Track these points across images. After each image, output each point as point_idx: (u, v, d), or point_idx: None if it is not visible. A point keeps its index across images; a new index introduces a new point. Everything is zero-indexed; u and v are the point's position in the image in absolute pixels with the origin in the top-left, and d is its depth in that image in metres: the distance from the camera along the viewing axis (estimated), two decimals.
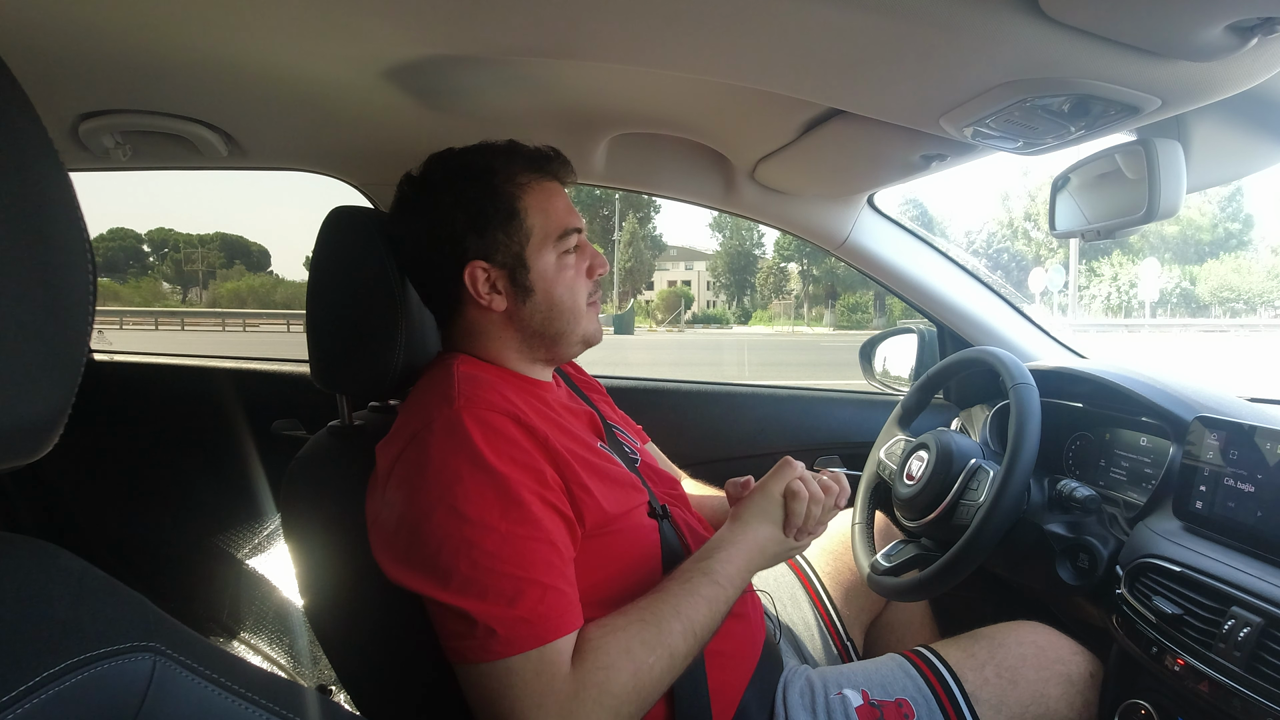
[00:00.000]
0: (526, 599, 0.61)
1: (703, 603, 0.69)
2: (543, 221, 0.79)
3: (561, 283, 0.80)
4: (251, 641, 1.69)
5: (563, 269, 0.81)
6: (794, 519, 0.78)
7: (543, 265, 0.79)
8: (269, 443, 1.51)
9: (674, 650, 0.66)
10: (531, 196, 0.79)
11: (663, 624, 0.66)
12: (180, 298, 37.56)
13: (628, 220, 36.37)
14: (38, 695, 0.30)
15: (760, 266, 38.70)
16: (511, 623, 0.61)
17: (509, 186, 0.79)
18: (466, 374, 0.74)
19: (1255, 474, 0.74)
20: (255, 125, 1.13)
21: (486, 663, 0.61)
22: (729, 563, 0.73)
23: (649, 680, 0.64)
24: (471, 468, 0.65)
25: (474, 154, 0.80)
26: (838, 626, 1.04)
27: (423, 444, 0.67)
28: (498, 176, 0.78)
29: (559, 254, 0.80)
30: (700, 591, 0.70)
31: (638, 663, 0.63)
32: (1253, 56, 0.59)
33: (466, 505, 0.63)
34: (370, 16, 0.74)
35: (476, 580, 0.62)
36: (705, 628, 0.69)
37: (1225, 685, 0.66)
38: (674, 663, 0.66)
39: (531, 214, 0.79)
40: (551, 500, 0.68)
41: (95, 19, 0.77)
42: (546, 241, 0.79)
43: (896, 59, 0.68)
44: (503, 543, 0.63)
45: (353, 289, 0.83)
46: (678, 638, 0.66)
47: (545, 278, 0.80)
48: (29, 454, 0.33)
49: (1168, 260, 33.77)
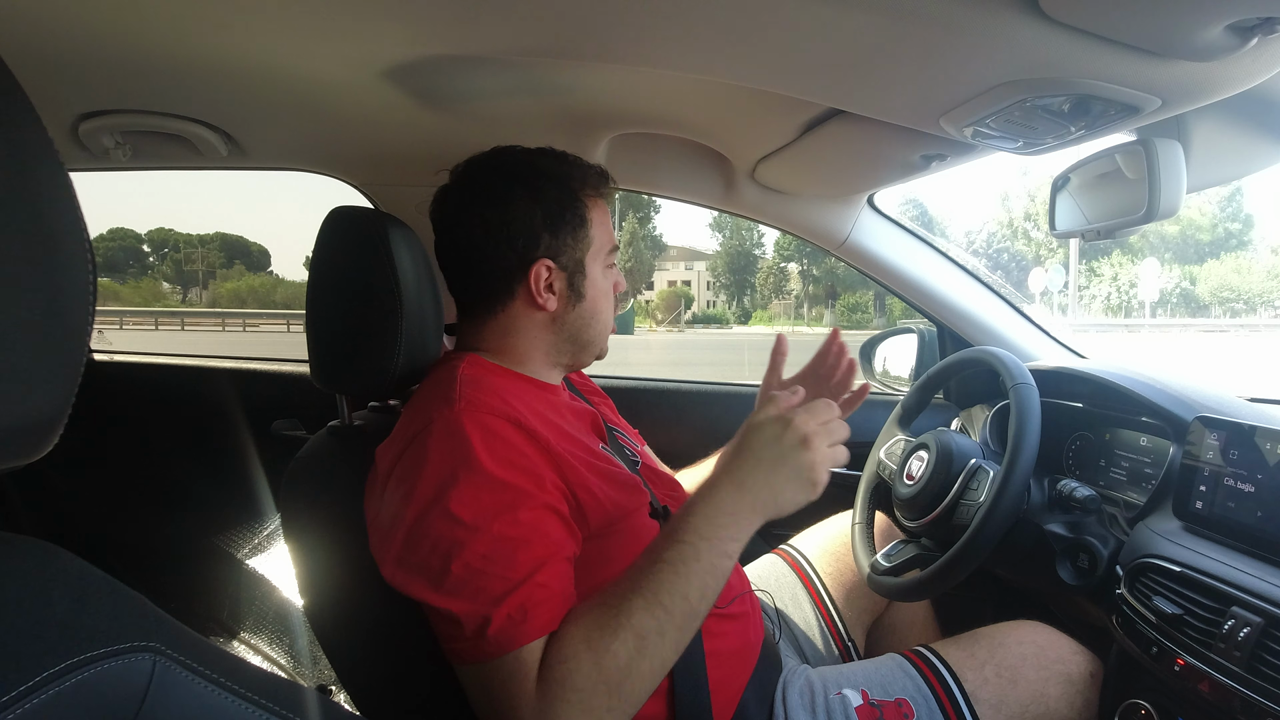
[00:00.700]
0: (513, 601, 0.61)
1: (665, 568, 0.62)
2: (601, 235, 0.83)
3: (604, 295, 0.85)
4: (251, 641, 1.69)
5: (606, 283, 0.85)
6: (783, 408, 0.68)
7: (594, 275, 0.83)
8: (269, 443, 1.51)
9: (639, 628, 0.60)
10: (595, 210, 0.83)
11: (621, 602, 0.61)
12: (180, 298, 37.58)
13: (628, 220, 36.38)
14: (38, 695, 0.30)
15: (760, 266, 38.75)
16: (498, 624, 0.60)
17: (583, 195, 0.82)
18: (470, 376, 0.74)
19: (1255, 474, 0.74)
20: (255, 125, 1.13)
21: (478, 663, 0.61)
22: (691, 514, 0.65)
23: (615, 666, 0.59)
24: (467, 470, 0.65)
25: (548, 158, 0.83)
26: (839, 627, 1.04)
27: (421, 445, 0.67)
28: (574, 183, 0.82)
29: (604, 267, 0.85)
30: (661, 556, 0.63)
31: (598, 650, 0.59)
32: (1253, 56, 0.59)
33: (460, 507, 0.63)
34: (370, 16, 0.74)
35: (467, 582, 0.61)
36: (675, 594, 0.61)
37: (1225, 685, 0.66)
38: (644, 642, 0.60)
39: (594, 226, 0.83)
40: (549, 503, 0.67)
41: (95, 19, 0.77)
42: (600, 254, 0.84)
43: (896, 59, 0.68)
44: (494, 545, 0.63)
45: (353, 289, 0.83)
46: (640, 614, 0.60)
47: (595, 287, 0.83)
48: (29, 454, 0.33)
49: (1168, 260, 33.78)
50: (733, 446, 0.69)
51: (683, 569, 0.62)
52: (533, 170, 0.80)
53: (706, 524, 0.64)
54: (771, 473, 0.66)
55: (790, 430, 0.66)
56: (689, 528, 0.64)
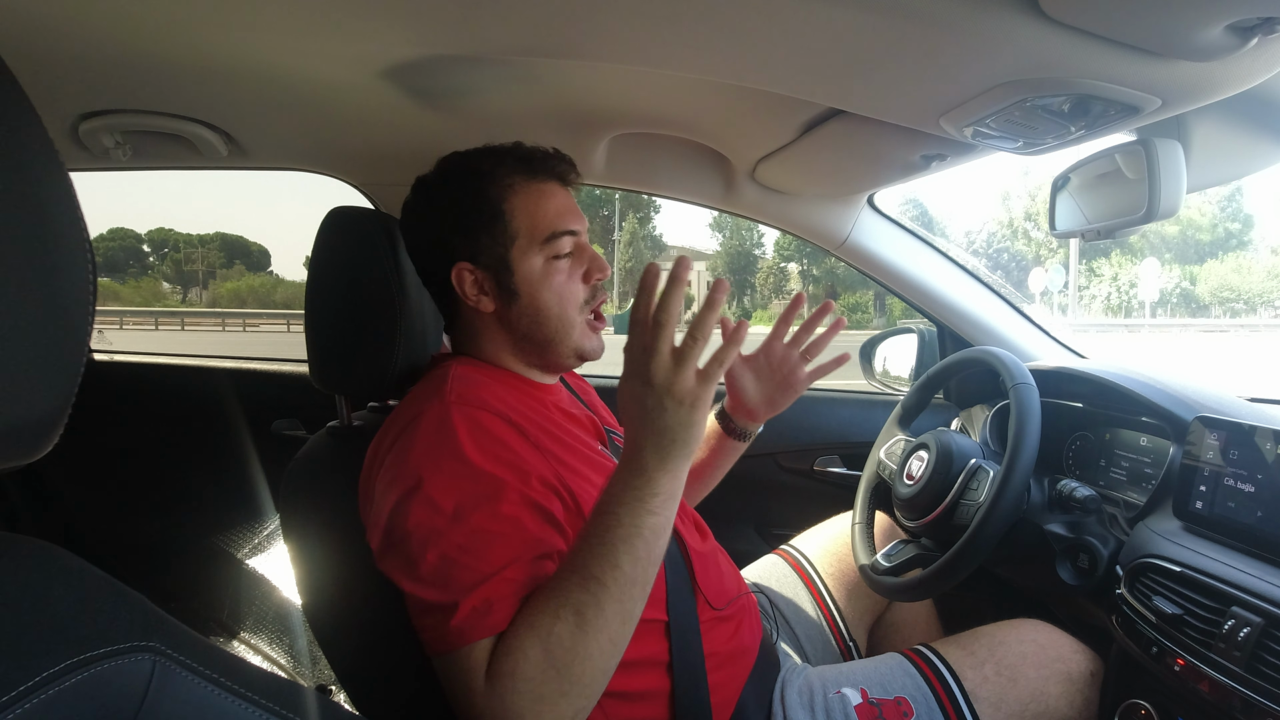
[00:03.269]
0: (482, 592, 0.61)
1: (592, 541, 0.60)
2: (529, 224, 0.77)
3: (548, 287, 0.78)
4: (251, 641, 1.69)
5: (551, 273, 0.78)
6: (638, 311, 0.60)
7: (527, 269, 0.77)
8: (269, 443, 1.52)
9: (577, 605, 0.58)
10: (519, 198, 0.78)
11: (557, 584, 0.61)
12: (180, 298, 37.57)
13: (628, 220, 36.37)
14: (38, 695, 0.30)
15: (760, 266, 38.72)
16: (465, 614, 0.60)
17: (494, 188, 0.77)
18: (461, 374, 0.74)
19: (1255, 474, 0.74)
20: (255, 125, 1.13)
21: (447, 653, 0.61)
22: (608, 487, 0.62)
23: (562, 650, 0.58)
24: (452, 460, 0.65)
25: (467, 156, 0.80)
26: (840, 626, 1.04)
27: (410, 435, 0.68)
28: (484, 178, 0.77)
29: (546, 258, 0.78)
30: (587, 533, 0.61)
31: (543, 634, 0.58)
32: (1253, 56, 0.59)
33: (442, 496, 0.63)
34: (370, 16, 0.74)
35: (441, 571, 0.62)
36: (604, 563, 0.59)
37: (1225, 685, 0.66)
38: (583, 619, 0.58)
39: (518, 216, 0.77)
40: (532, 499, 0.66)
41: (95, 19, 0.77)
42: (532, 244, 0.77)
43: (896, 59, 0.68)
44: (471, 537, 0.62)
45: (352, 289, 0.83)
46: (575, 591, 0.59)
47: (530, 281, 0.77)
48: (29, 454, 0.33)
49: (1168, 260, 33.78)
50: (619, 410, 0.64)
51: (607, 537, 0.59)
52: (447, 175, 0.80)
53: (620, 488, 0.61)
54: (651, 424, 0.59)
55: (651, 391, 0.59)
56: (605, 498, 0.61)
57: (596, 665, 0.59)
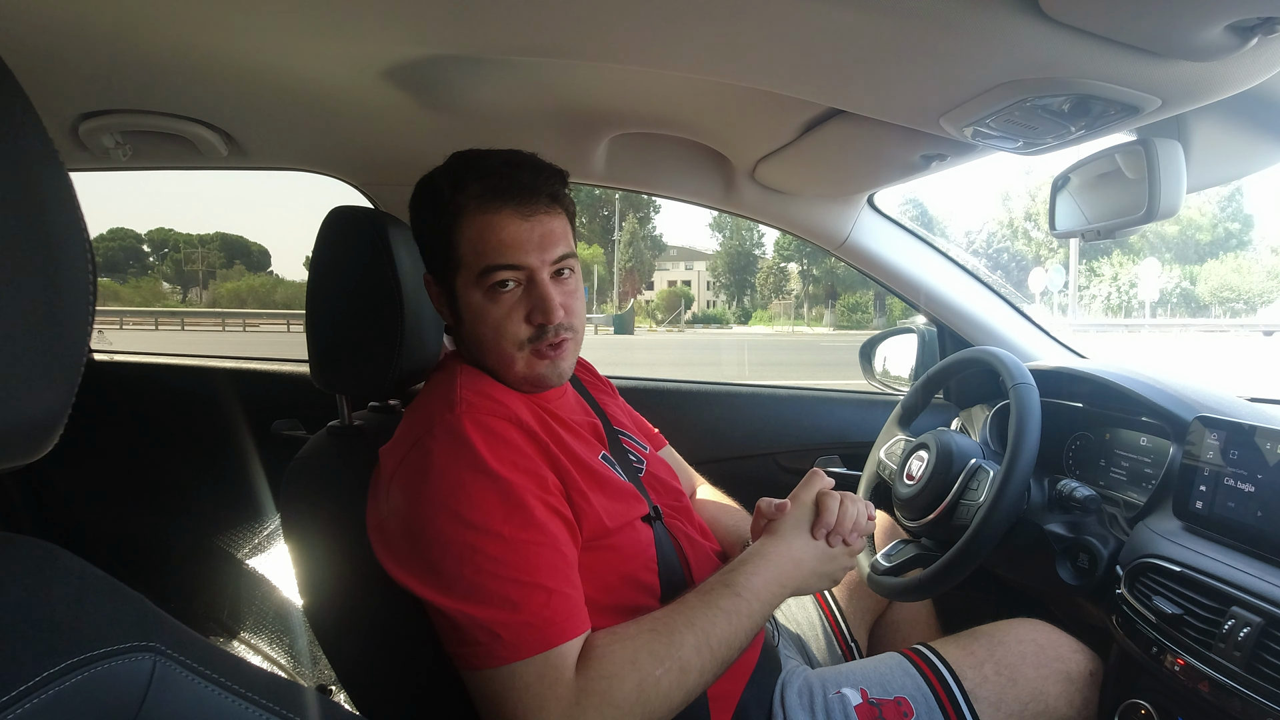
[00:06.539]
0: (531, 604, 0.61)
1: (720, 615, 0.67)
2: (471, 255, 0.72)
3: (485, 322, 0.74)
4: (251, 641, 1.69)
5: (490, 306, 0.73)
6: (826, 514, 0.77)
7: (468, 298, 0.74)
8: (269, 443, 1.51)
9: (685, 663, 0.64)
10: (466, 227, 0.73)
11: (674, 635, 0.65)
12: (180, 298, 37.55)
13: (628, 220, 36.38)
14: (38, 695, 0.30)
15: (760, 266, 38.72)
16: (516, 628, 0.60)
17: (445, 214, 0.73)
18: (469, 379, 0.74)
19: (1255, 474, 0.74)
20: (255, 125, 1.13)
21: (492, 668, 0.61)
22: (754, 575, 0.71)
23: (655, 693, 0.62)
24: (474, 473, 0.65)
25: (437, 173, 0.76)
26: (842, 626, 1.04)
27: (425, 449, 0.67)
28: (438, 199, 0.74)
29: (484, 290, 0.73)
30: (719, 604, 0.68)
31: (643, 674, 0.62)
32: (1253, 56, 0.59)
33: (469, 511, 0.63)
34: (370, 16, 0.74)
35: (481, 586, 0.61)
36: (723, 642, 0.66)
37: (1225, 685, 0.66)
38: (685, 677, 0.63)
39: (462, 245, 0.73)
40: (554, 504, 0.68)
41: (95, 19, 0.77)
42: (470, 277, 0.73)
43: (896, 59, 0.68)
44: (506, 548, 0.63)
45: (352, 289, 0.83)
46: (689, 650, 0.64)
47: (470, 311, 0.75)
48: (29, 454, 0.33)
49: (1168, 260, 33.77)
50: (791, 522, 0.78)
51: (736, 621, 0.68)
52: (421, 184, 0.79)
53: (766, 589, 0.71)
54: (818, 565, 0.77)
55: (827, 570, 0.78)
56: (749, 586, 0.70)
57: (671, 712, 0.64)
